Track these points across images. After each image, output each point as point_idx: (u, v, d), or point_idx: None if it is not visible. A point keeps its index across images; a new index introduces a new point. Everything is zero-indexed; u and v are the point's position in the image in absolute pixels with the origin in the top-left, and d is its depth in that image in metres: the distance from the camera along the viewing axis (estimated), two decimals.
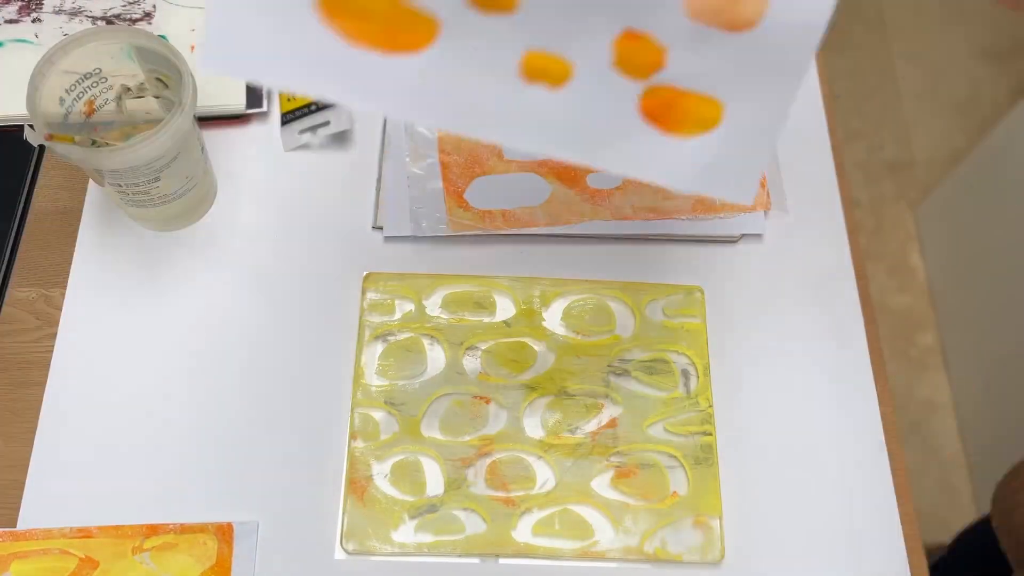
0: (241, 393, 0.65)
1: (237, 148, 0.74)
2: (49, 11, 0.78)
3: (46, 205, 0.73)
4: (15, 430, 0.64)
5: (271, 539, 0.61)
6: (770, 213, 0.72)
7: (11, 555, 0.60)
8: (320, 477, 0.63)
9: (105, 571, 0.60)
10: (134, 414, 0.65)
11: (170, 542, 0.60)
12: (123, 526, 0.61)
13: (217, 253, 0.70)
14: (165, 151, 0.62)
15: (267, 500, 0.62)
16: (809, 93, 0.78)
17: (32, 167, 0.74)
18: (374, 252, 0.71)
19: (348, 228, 0.72)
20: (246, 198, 0.73)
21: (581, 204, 0.72)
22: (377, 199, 0.72)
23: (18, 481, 0.63)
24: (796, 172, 0.75)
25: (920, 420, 1.53)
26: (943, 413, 1.54)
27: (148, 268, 0.70)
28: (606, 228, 0.71)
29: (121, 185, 0.64)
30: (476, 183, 0.72)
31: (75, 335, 0.67)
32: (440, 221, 0.71)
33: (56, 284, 0.69)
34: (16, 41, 0.76)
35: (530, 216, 0.71)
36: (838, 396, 0.67)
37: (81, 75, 0.65)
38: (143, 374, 0.66)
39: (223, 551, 0.60)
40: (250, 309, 0.68)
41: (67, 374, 0.66)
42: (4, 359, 0.67)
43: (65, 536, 0.60)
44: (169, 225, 0.71)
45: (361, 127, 0.76)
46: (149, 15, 0.78)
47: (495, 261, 0.70)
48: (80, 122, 0.66)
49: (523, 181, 0.73)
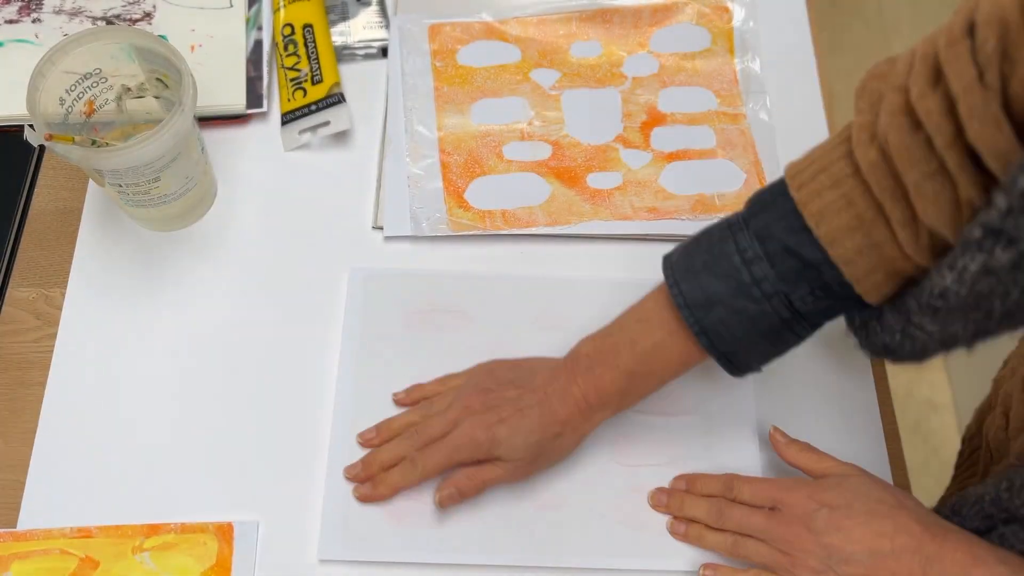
0: (241, 393, 0.65)
1: (237, 148, 0.74)
2: (49, 11, 0.78)
3: (46, 205, 0.73)
4: (15, 430, 0.64)
5: (271, 539, 0.61)
6: None
7: (11, 555, 0.60)
8: (321, 477, 0.63)
9: (105, 571, 0.59)
10: (134, 414, 0.65)
11: (170, 542, 0.60)
12: (123, 526, 0.61)
13: (217, 253, 0.70)
14: (165, 151, 0.62)
15: (267, 500, 0.62)
16: (809, 93, 0.78)
17: (32, 167, 0.74)
18: (374, 252, 0.71)
19: (348, 228, 0.71)
20: (246, 198, 0.73)
21: (581, 204, 0.72)
22: (377, 199, 0.72)
23: (18, 481, 0.63)
24: None
25: (920, 420, 1.53)
26: (943, 413, 1.54)
27: (148, 268, 0.70)
28: (606, 228, 0.71)
29: (121, 185, 0.64)
30: (476, 183, 0.72)
31: (75, 335, 0.67)
32: (440, 221, 0.71)
33: (56, 284, 0.69)
34: (16, 41, 0.76)
35: (530, 216, 0.71)
36: (838, 396, 0.67)
37: (81, 75, 0.65)
38: (143, 374, 0.66)
39: (223, 551, 0.60)
40: (250, 309, 0.68)
41: (67, 374, 0.66)
42: (4, 359, 0.67)
43: (65, 536, 0.60)
44: (169, 225, 0.71)
45: (361, 127, 0.76)
46: (149, 15, 0.78)
47: (495, 261, 0.70)
48: (80, 122, 0.66)
49: (523, 181, 0.73)
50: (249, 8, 0.78)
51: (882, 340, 0.52)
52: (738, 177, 0.73)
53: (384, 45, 0.79)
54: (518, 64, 0.78)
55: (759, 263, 0.53)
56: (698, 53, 0.78)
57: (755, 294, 0.53)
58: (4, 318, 0.68)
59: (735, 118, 0.76)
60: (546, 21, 0.79)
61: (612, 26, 0.79)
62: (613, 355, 0.59)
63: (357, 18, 0.80)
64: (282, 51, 0.77)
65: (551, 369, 0.61)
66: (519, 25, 0.79)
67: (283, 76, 0.76)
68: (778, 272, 0.52)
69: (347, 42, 0.79)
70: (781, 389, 0.66)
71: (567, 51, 0.78)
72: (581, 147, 0.74)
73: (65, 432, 0.64)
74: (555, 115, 0.75)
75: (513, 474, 0.60)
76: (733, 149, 0.74)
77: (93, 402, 0.65)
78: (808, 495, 0.56)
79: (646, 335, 0.58)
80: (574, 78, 0.77)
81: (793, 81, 0.79)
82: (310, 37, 0.76)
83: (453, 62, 0.78)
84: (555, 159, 0.73)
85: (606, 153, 0.74)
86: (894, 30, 1.89)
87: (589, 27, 0.79)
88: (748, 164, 0.73)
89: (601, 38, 0.79)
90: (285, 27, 0.77)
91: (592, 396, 0.59)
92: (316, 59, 0.76)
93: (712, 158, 0.74)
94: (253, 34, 0.77)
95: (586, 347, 0.61)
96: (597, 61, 0.78)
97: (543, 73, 0.77)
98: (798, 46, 0.81)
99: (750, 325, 0.54)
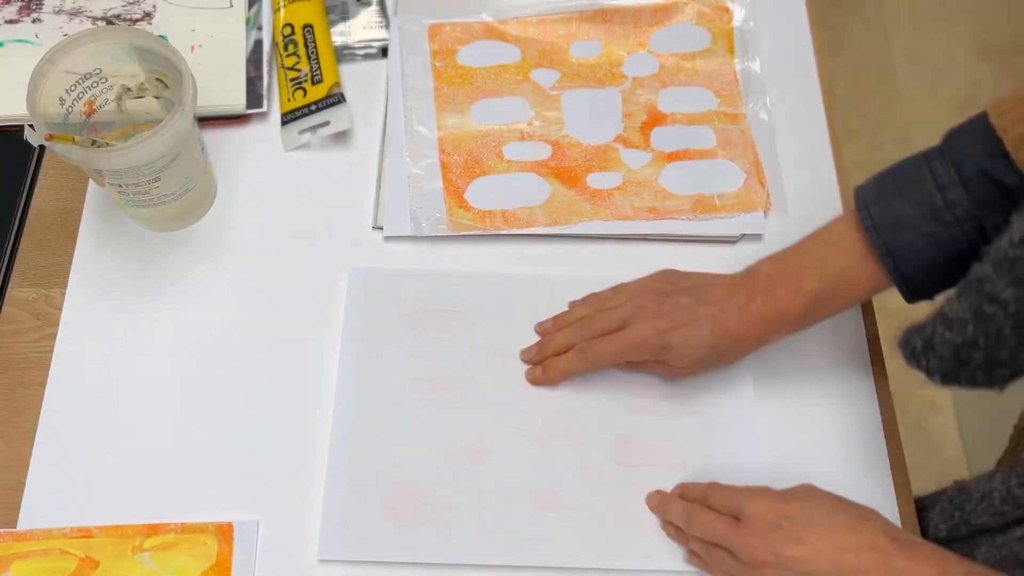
0: (241, 393, 0.65)
1: (237, 148, 0.74)
2: (49, 11, 0.78)
3: (46, 205, 0.73)
4: (15, 430, 0.64)
5: (271, 539, 0.61)
6: (770, 213, 0.72)
7: (11, 555, 0.60)
8: (321, 477, 0.63)
9: (105, 571, 0.59)
10: (134, 414, 0.65)
11: (170, 542, 0.60)
12: (123, 526, 0.61)
13: (217, 253, 0.70)
14: (165, 151, 0.62)
15: (267, 500, 0.62)
16: (809, 93, 0.78)
17: (32, 167, 0.74)
18: (374, 252, 0.71)
19: (348, 228, 0.71)
20: (246, 198, 0.73)
21: (581, 204, 0.72)
22: (377, 199, 0.72)
23: (18, 481, 0.63)
24: (796, 172, 0.74)
25: (920, 420, 1.53)
26: (943, 413, 1.54)
27: (148, 268, 0.70)
28: (606, 228, 0.71)
29: (121, 185, 0.64)
30: (476, 183, 0.72)
31: (75, 335, 0.67)
32: (440, 221, 0.71)
33: (56, 284, 0.69)
34: (16, 41, 0.76)
35: (530, 216, 0.71)
36: (838, 396, 0.67)
37: (81, 75, 0.65)
38: (143, 374, 0.66)
39: (223, 551, 0.60)
40: (250, 308, 0.68)
41: (67, 374, 0.66)
42: (4, 359, 0.67)
43: (65, 536, 0.60)
44: (169, 225, 0.71)
45: (361, 127, 0.76)
46: (149, 15, 0.78)
47: (495, 261, 0.70)
48: (80, 122, 0.66)
49: (523, 181, 0.73)
50: (249, 8, 0.78)
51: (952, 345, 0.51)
52: (738, 177, 0.73)
53: (384, 45, 0.79)
54: (518, 64, 0.78)
55: (954, 188, 0.53)
56: (698, 53, 0.78)
57: (946, 218, 0.54)
58: (4, 318, 0.68)
59: (735, 118, 0.76)
60: (546, 21, 0.79)
61: (612, 26, 0.79)
62: (797, 277, 0.59)
63: (357, 18, 0.80)
64: (282, 51, 0.77)
65: (728, 285, 0.62)
66: (519, 25, 0.79)
67: (283, 76, 0.76)
68: (973, 198, 0.53)
69: (347, 42, 0.79)
70: (781, 389, 0.66)
71: (567, 51, 0.78)
72: (581, 147, 0.74)
73: (65, 432, 0.64)
74: (555, 115, 0.75)
75: (672, 374, 0.63)
76: (733, 149, 0.74)
77: (93, 402, 0.65)
78: (768, 506, 0.55)
79: (834, 258, 0.59)
80: (574, 78, 0.77)
81: (793, 81, 0.79)
82: (310, 37, 0.76)
83: (453, 62, 0.78)
84: (555, 159, 0.73)
85: (606, 153, 0.74)
86: (894, 30, 1.89)
87: (589, 27, 0.79)
88: (748, 164, 0.73)
89: (601, 38, 0.79)
90: (285, 27, 0.77)
91: (771, 316, 0.59)
92: (316, 59, 0.76)
93: (712, 158, 0.74)
94: (253, 34, 0.77)
95: (766, 267, 0.61)
96: (597, 61, 0.78)
97: (543, 73, 0.77)
98: (798, 46, 0.81)
99: (937, 250, 0.55)
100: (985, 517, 0.54)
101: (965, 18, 1.90)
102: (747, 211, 0.72)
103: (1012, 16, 1.90)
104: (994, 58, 1.86)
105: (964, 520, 0.55)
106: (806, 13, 0.82)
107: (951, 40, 1.88)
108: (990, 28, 1.89)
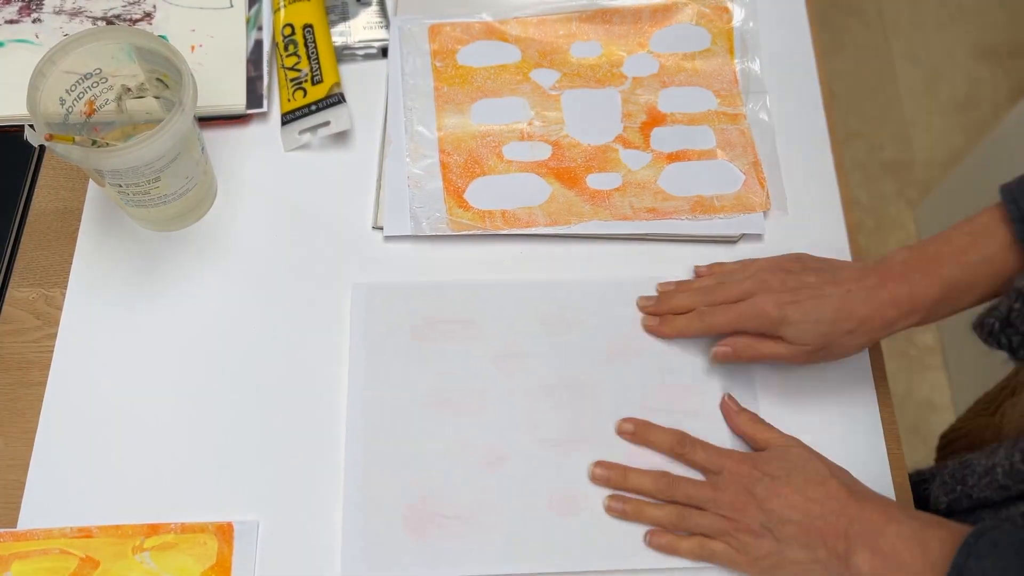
0: (241, 393, 0.65)
1: (237, 148, 0.74)
2: (49, 11, 0.78)
3: (46, 205, 0.73)
4: (15, 430, 0.64)
5: (271, 539, 0.61)
6: (770, 213, 0.72)
7: (12, 555, 0.60)
8: (320, 477, 0.63)
9: (105, 571, 0.60)
10: (134, 414, 0.65)
11: (170, 542, 0.60)
12: (123, 526, 0.61)
13: (217, 253, 0.70)
14: (165, 151, 0.62)
15: (267, 500, 0.62)
16: (809, 93, 0.78)
17: (32, 167, 0.74)
18: (374, 252, 0.71)
19: (348, 228, 0.72)
20: (246, 198, 0.73)
21: (581, 204, 0.72)
22: (377, 199, 0.72)
23: (18, 481, 0.63)
24: (796, 172, 0.75)
25: (920, 420, 1.53)
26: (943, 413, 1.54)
27: (148, 268, 0.70)
28: (606, 228, 0.71)
29: (121, 185, 0.64)
30: (476, 183, 0.72)
31: (75, 335, 0.67)
32: (440, 221, 0.71)
33: (56, 284, 0.69)
34: (16, 41, 0.76)
35: (530, 216, 0.71)
36: (838, 396, 0.67)
37: (81, 75, 0.65)
38: (143, 374, 0.66)
39: (223, 551, 0.60)
40: (250, 309, 0.68)
41: (67, 374, 0.66)
42: (4, 359, 0.67)
43: (65, 536, 0.60)
44: (169, 225, 0.71)
45: (361, 127, 0.76)
46: (149, 15, 0.78)
47: (495, 261, 0.70)
48: (80, 122, 0.66)
49: (523, 181, 0.73)
50: (249, 8, 0.79)
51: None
52: (737, 178, 0.73)
53: (384, 45, 0.79)
54: (518, 64, 0.78)
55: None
56: (698, 53, 0.78)
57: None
58: (4, 318, 0.68)
59: (735, 118, 0.76)
60: (546, 21, 0.79)
61: (612, 26, 0.79)
62: (935, 264, 0.59)
63: (357, 18, 0.80)
64: (282, 51, 0.77)
65: (860, 268, 0.61)
66: (519, 25, 0.79)
67: (283, 76, 0.76)
68: None
69: (347, 42, 0.79)
70: (781, 389, 0.66)
71: (567, 51, 0.78)
72: (581, 147, 0.74)
73: (65, 432, 0.64)
74: (555, 115, 0.75)
75: (793, 357, 0.62)
76: (733, 149, 0.74)
77: (93, 402, 0.65)
78: (752, 465, 0.60)
79: (977, 247, 0.59)
80: (574, 78, 0.77)
81: (793, 81, 0.79)
82: (310, 37, 0.76)
83: (453, 62, 0.78)
84: (555, 159, 0.73)
85: (606, 153, 0.74)
86: (894, 30, 1.89)
87: (589, 27, 0.79)
88: (748, 164, 0.73)
89: (601, 38, 0.79)
90: (285, 27, 0.77)
91: (903, 301, 0.59)
92: (316, 59, 0.76)
93: (712, 158, 0.74)
94: (253, 34, 0.77)
95: (901, 255, 0.61)
96: (597, 61, 0.78)
97: (543, 73, 0.77)
98: (798, 46, 0.81)
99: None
100: (988, 491, 0.55)
101: (965, 18, 1.91)
102: (747, 212, 0.72)
103: (1012, 16, 1.90)
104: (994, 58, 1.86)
105: (966, 494, 0.56)
106: (806, 13, 0.82)
107: (951, 40, 1.88)
108: (990, 28, 1.89)
